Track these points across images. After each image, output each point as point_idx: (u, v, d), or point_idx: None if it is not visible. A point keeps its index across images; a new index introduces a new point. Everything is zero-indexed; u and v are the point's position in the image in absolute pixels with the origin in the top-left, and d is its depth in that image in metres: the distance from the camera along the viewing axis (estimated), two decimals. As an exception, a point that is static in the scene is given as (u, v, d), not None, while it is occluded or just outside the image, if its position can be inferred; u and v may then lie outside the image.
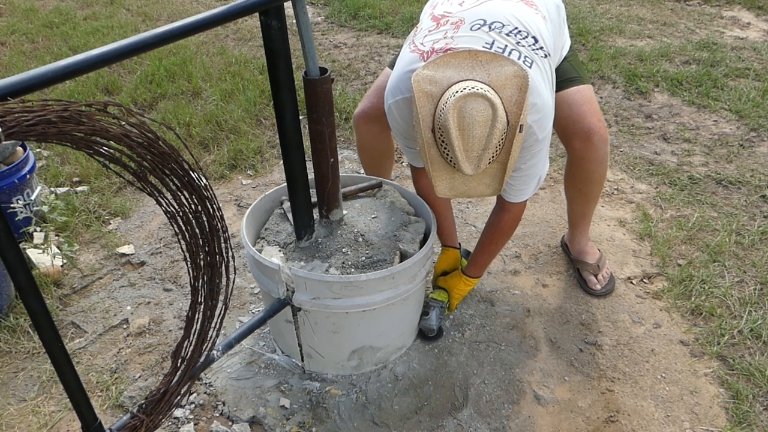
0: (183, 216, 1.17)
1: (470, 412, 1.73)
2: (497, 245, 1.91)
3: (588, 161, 1.86)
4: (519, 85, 1.38)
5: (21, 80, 0.91)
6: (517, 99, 1.38)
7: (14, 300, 2.08)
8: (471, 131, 1.34)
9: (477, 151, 1.36)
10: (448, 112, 1.33)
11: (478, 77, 1.39)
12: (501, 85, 1.38)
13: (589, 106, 1.81)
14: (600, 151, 1.83)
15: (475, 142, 1.35)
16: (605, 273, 2.14)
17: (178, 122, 3.21)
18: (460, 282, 1.97)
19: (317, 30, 4.65)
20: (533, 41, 1.55)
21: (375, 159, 2.15)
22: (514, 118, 1.37)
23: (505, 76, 1.39)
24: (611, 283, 2.13)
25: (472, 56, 1.42)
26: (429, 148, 1.40)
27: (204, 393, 1.80)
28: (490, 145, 1.36)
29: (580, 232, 2.16)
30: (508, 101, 1.37)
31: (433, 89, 1.39)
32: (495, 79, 1.38)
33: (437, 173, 1.43)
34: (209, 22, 1.18)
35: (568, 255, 2.26)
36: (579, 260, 2.16)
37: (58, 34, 4.58)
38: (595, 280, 2.12)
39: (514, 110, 1.37)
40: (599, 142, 1.81)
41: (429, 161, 1.42)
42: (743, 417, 1.69)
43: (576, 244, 2.18)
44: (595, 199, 2.04)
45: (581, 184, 1.97)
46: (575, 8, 4.76)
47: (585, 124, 1.79)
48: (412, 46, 1.60)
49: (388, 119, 1.67)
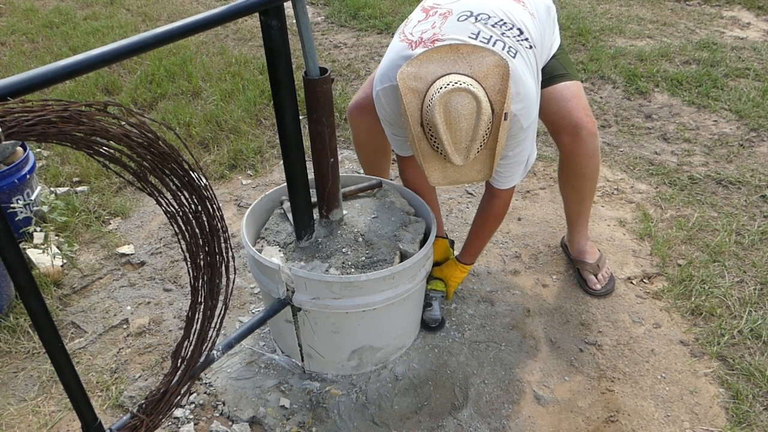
0: (183, 216, 1.17)
1: (470, 412, 1.73)
2: (489, 231, 1.96)
3: (578, 156, 1.89)
4: (501, 74, 1.44)
5: (21, 80, 0.91)
6: (500, 87, 1.43)
7: (14, 300, 2.08)
8: (458, 124, 1.40)
9: (465, 142, 1.42)
10: (434, 108, 1.38)
11: (461, 70, 1.44)
12: (483, 75, 1.43)
13: (576, 101, 1.83)
14: (589, 145, 1.85)
15: (463, 135, 1.41)
16: (605, 273, 2.14)
17: (178, 122, 3.22)
18: (455, 270, 2.02)
19: (317, 30, 4.65)
20: (518, 33, 1.61)
21: (371, 155, 2.18)
22: (499, 106, 1.43)
23: (486, 66, 1.44)
24: (611, 283, 2.13)
25: (453, 50, 1.47)
26: (419, 141, 1.47)
27: (204, 393, 1.80)
28: (477, 135, 1.41)
29: (579, 231, 2.17)
30: (492, 90, 1.43)
31: (418, 85, 1.45)
32: (477, 71, 1.44)
33: (429, 164, 1.49)
34: (209, 22, 1.18)
35: (568, 256, 2.26)
36: (579, 260, 2.17)
37: (58, 34, 4.58)
38: (595, 280, 2.12)
39: (498, 98, 1.43)
40: (587, 136, 1.83)
41: (420, 153, 1.48)
42: (743, 417, 1.69)
43: (576, 244, 2.19)
44: (589, 195, 2.05)
45: (574, 180, 2.00)
46: (575, 8, 4.76)
47: (573, 119, 1.81)
48: (401, 36, 1.67)
49: (375, 106, 1.73)
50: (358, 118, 2.02)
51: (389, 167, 2.32)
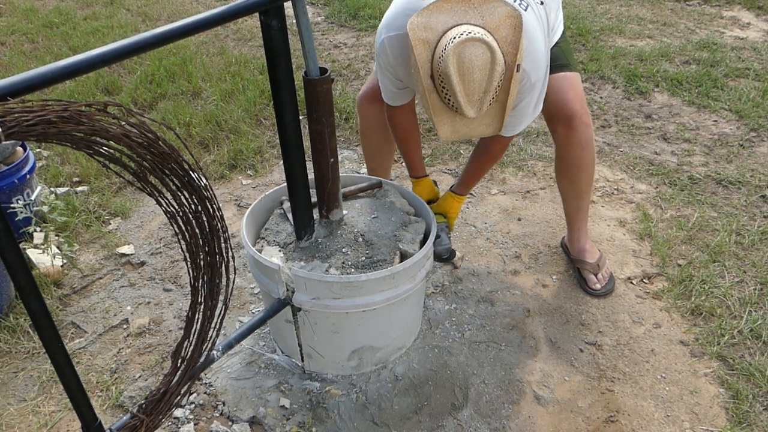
0: (183, 216, 1.17)
1: (470, 412, 1.73)
2: (484, 168, 2.02)
3: (572, 146, 1.93)
4: (513, 25, 1.42)
5: (21, 80, 0.91)
6: (512, 39, 1.42)
7: (14, 300, 2.08)
8: (471, 76, 1.38)
9: (478, 94, 1.41)
10: (447, 59, 1.37)
11: (472, 20, 1.42)
12: (495, 26, 1.42)
13: (574, 93, 1.86)
14: (582, 135, 1.89)
15: (476, 86, 1.40)
16: (605, 272, 2.14)
17: (178, 122, 3.22)
18: (453, 201, 2.07)
19: (317, 30, 4.65)
20: None
21: (377, 144, 2.21)
22: (511, 58, 1.42)
23: (498, 17, 1.42)
24: (611, 283, 2.13)
25: (464, 0, 1.45)
26: (429, 93, 1.45)
27: (204, 393, 1.80)
28: (491, 87, 1.40)
29: (579, 228, 2.17)
30: (504, 42, 1.42)
31: (428, 36, 1.43)
32: (489, 21, 1.42)
33: (439, 117, 1.48)
34: (209, 22, 1.18)
35: (568, 255, 2.27)
36: (579, 259, 2.17)
37: (58, 34, 4.58)
38: (595, 279, 2.12)
39: (510, 50, 1.42)
40: (581, 127, 1.88)
41: (430, 107, 1.46)
42: (743, 417, 1.69)
43: (576, 243, 2.19)
44: (587, 189, 2.07)
45: (569, 172, 2.03)
46: (575, 8, 4.76)
47: (569, 110, 1.86)
48: None
49: (378, 57, 1.71)
50: (368, 108, 2.05)
51: (392, 159, 2.36)
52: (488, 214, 2.55)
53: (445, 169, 2.84)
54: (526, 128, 1.83)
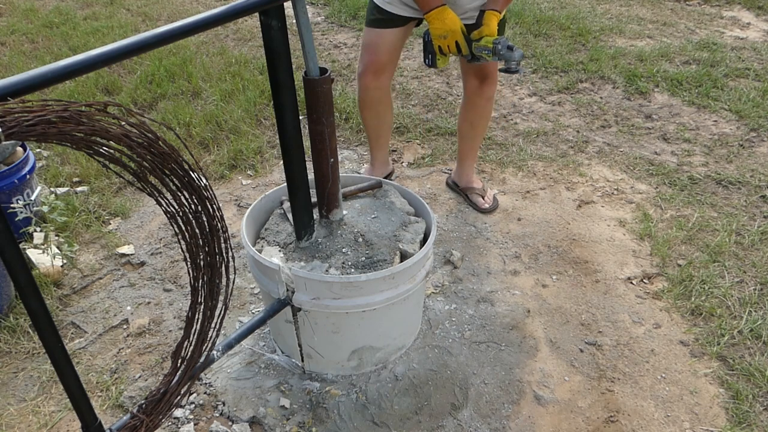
0: (183, 216, 1.17)
1: (470, 412, 1.73)
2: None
3: (481, 98, 2.36)
4: None
5: (21, 80, 0.91)
6: None
7: (14, 300, 2.08)
8: None
9: None
10: None
11: None
12: None
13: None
14: (491, 90, 2.35)
15: None
16: (490, 195, 2.59)
17: (178, 122, 3.22)
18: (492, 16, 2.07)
19: (317, 30, 4.65)
20: None
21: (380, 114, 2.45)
22: None
23: None
24: (496, 202, 2.59)
25: None
26: None
27: (204, 393, 1.80)
28: None
29: (469, 165, 2.58)
30: None
31: None
32: None
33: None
34: (209, 22, 1.18)
35: (455, 189, 2.65)
36: (468, 187, 2.60)
37: (58, 34, 4.58)
38: (483, 201, 2.55)
39: None
40: (491, 84, 2.32)
41: None
42: (743, 417, 1.69)
43: (464, 176, 2.60)
44: (481, 133, 2.51)
45: (473, 117, 2.44)
46: (575, 8, 4.76)
47: (486, 69, 2.27)
48: None
49: None
50: (373, 80, 2.29)
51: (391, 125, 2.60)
52: (488, 214, 2.55)
53: (445, 169, 2.85)
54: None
